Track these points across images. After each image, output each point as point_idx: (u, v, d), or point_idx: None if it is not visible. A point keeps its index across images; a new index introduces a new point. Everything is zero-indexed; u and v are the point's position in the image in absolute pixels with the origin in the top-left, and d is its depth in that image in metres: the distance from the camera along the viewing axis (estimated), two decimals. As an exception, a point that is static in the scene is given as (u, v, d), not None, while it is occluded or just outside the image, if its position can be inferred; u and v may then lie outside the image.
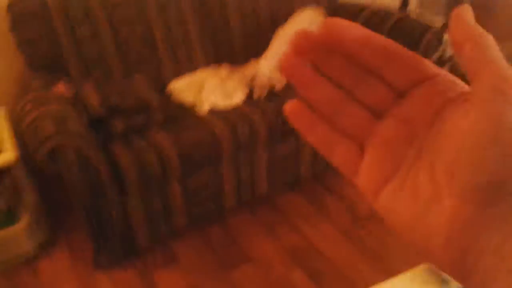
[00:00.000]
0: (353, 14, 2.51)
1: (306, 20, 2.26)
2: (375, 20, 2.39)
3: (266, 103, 1.98)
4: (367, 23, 2.42)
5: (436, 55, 2.52)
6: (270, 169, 2.02)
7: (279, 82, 2.04)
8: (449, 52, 2.80)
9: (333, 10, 2.64)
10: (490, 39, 0.24)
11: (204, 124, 1.83)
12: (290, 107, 0.31)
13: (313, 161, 2.18)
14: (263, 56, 2.12)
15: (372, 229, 2.00)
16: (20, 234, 1.86)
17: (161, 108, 1.84)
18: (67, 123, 1.53)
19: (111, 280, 1.81)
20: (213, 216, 2.10)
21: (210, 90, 2.05)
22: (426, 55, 2.24)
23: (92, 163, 1.55)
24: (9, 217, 1.93)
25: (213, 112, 1.93)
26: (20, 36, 1.87)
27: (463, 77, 0.27)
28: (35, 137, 1.47)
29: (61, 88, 1.79)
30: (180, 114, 1.92)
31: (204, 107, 1.95)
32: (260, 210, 2.13)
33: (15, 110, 1.73)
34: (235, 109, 1.94)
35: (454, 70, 3.26)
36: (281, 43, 2.17)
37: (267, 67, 2.00)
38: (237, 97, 2.02)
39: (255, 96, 2.00)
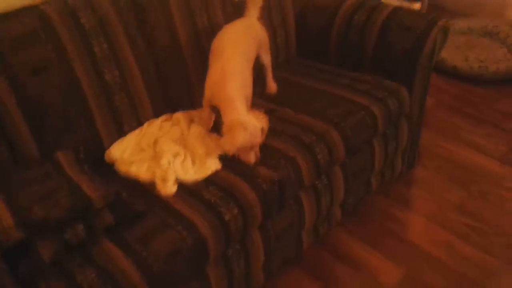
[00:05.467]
0: (331, 10, 2.01)
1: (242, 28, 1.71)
2: (361, 15, 1.91)
3: (255, 166, 1.44)
4: (351, 19, 1.94)
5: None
6: (267, 252, 1.50)
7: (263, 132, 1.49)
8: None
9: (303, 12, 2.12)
10: None
11: (176, 217, 1.27)
12: None
13: (315, 225, 1.68)
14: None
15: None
16: None
17: (108, 203, 1.24)
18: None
19: None
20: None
21: (172, 154, 1.47)
22: (431, 55, 1.80)
23: None
24: None
25: (184, 191, 1.36)
26: None
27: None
28: None
29: None
30: (137, 203, 1.32)
31: (169, 186, 1.37)
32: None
33: None
34: (214, 181, 1.39)
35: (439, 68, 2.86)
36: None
37: (248, 116, 1.45)
38: (213, 163, 1.46)
39: (248, 160, 1.44)
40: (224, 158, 1.48)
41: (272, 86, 1.85)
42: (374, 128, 1.68)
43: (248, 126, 1.39)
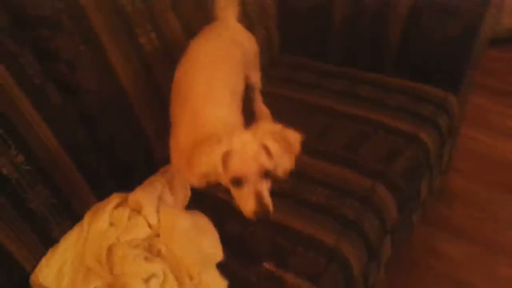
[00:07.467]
0: None
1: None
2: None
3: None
4: None
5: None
6: None
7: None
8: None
9: None
10: None
11: None
12: None
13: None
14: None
15: None
16: None
17: None
18: None
19: None
20: None
21: (142, 276, 0.89)
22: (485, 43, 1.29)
23: None
24: None
25: None
26: None
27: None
28: None
29: None
30: None
31: None
32: None
33: None
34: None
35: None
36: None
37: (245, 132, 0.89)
38: (212, 279, 0.90)
39: (244, 205, 0.89)
40: (225, 264, 0.93)
41: (264, 112, 1.27)
42: (427, 164, 1.16)
43: (231, 140, 0.84)
